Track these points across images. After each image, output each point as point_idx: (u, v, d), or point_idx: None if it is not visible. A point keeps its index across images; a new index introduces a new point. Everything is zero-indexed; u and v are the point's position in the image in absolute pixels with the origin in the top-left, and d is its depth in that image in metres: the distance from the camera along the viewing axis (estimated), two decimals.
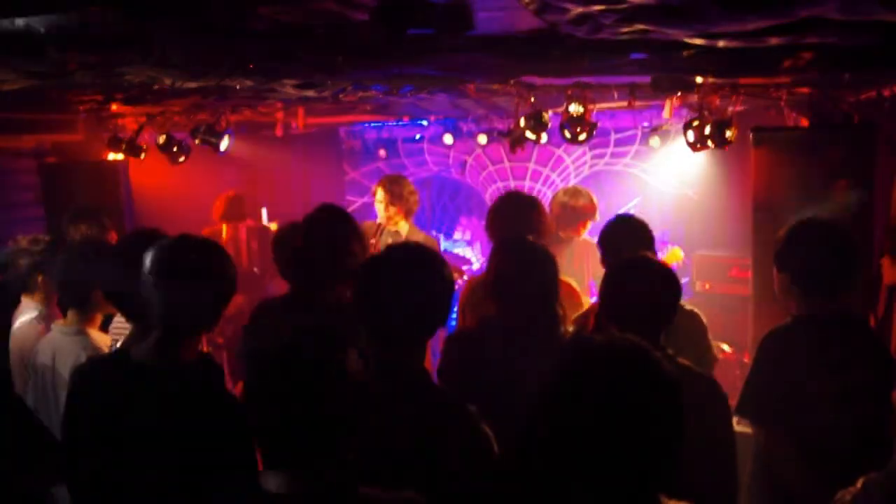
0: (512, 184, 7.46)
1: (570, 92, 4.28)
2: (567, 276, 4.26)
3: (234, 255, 5.80)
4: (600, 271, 2.63)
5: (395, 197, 4.46)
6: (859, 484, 1.79)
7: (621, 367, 1.32)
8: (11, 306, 3.16)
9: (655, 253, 3.11)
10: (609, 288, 2.28)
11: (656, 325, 2.15)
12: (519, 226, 3.28)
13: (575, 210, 4.53)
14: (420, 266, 1.90)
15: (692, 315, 2.99)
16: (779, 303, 2.58)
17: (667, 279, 2.24)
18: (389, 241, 4.38)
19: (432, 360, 2.60)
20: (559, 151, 7.26)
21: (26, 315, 3.13)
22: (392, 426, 1.77)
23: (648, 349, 1.36)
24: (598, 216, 4.69)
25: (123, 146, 5.16)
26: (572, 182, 7.22)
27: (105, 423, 1.92)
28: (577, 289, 3.53)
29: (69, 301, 2.80)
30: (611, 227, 3.09)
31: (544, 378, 1.38)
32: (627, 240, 2.93)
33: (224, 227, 5.85)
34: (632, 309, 2.18)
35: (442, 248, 6.04)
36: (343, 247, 2.75)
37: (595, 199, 4.66)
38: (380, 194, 4.51)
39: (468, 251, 7.72)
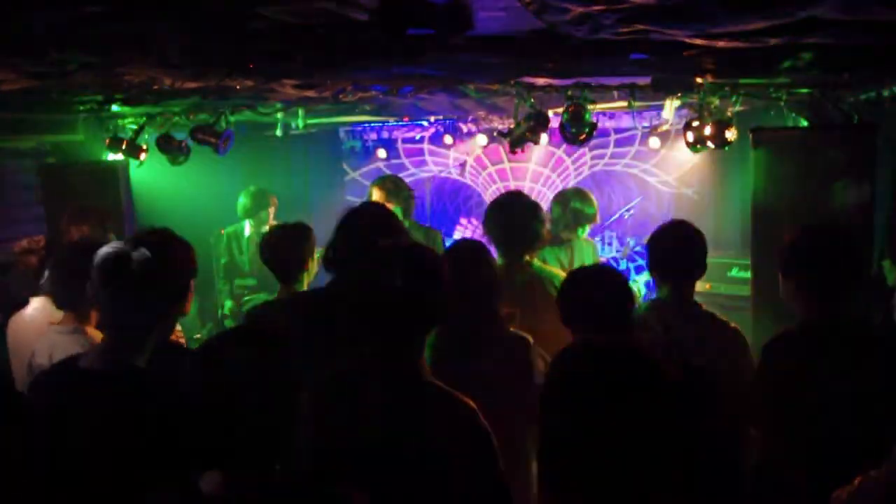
0: (512, 184, 7.46)
1: (570, 92, 4.28)
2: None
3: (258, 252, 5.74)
4: None
5: (391, 195, 4.46)
6: (856, 482, 1.79)
7: (612, 369, 1.32)
8: (13, 307, 3.16)
9: (697, 267, 2.80)
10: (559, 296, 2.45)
11: (609, 328, 2.23)
12: (515, 234, 3.26)
13: (576, 213, 4.53)
14: (418, 263, 1.91)
15: (728, 330, 2.77)
16: (783, 307, 2.57)
17: (610, 283, 2.39)
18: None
19: None
20: (559, 152, 7.27)
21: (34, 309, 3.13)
22: (392, 422, 1.78)
23: (640, 351, 1.36)
24: (598, 219, 4.70)
25: (123, 146, 5.16)
26: (572, 182, 7.23)
27: (50, 430, 1.90)
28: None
29: (63, 300, 2.80)
30: (657, 233, 2.93)
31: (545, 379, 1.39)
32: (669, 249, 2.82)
33: (247, 223, 5.79)
34: (583, 314, 2.34)
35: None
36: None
37: (596, 202, 4.66)
38: (376, 194, 4.52)
39: None
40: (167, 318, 2.05)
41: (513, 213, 3.33)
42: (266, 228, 5.77)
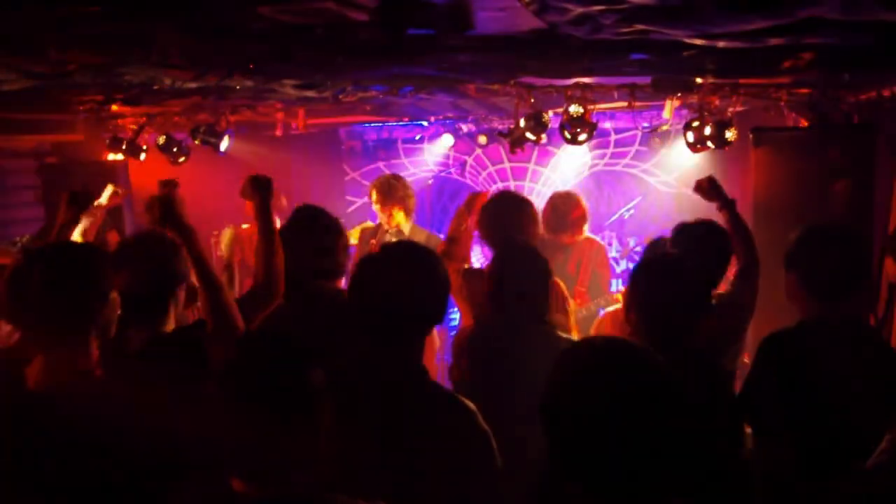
0: (512, 184, 7.46)
1: (570, 92, 4.28)
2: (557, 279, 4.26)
3: None
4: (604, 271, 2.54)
5: (387, 197, 4.47)
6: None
7: (613, 369, 1.32)
8: None
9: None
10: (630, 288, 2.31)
11: (680, 323, 2.17)
12: (508, 227, 3.28)
13: (564, 217, 4.45)
14: (414, 263, 1.89)
15: None
16: (783, 307, 2.56)
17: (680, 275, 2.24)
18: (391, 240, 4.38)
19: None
20: (559, 152, 7.27)
21: None
22: (389, 423, 1.78)
23: (641, 349, 1.36)
24: (579, 225, 4.56)
25: (123, 146, 5.16)
26: (572, 183, 7.23)
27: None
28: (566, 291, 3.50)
29: None
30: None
31: (546, 381, 1.38)
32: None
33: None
34: (652, 309, 2.19)
35: None
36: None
37: (585, 204, 4.56)
38: (373, 196, 4.54)
39: None
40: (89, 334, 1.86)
41: (501, 209, 3.38)
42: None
